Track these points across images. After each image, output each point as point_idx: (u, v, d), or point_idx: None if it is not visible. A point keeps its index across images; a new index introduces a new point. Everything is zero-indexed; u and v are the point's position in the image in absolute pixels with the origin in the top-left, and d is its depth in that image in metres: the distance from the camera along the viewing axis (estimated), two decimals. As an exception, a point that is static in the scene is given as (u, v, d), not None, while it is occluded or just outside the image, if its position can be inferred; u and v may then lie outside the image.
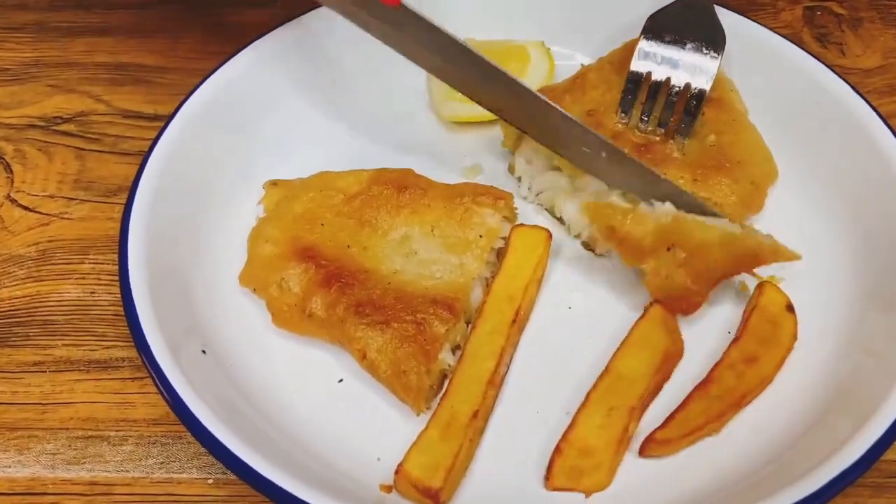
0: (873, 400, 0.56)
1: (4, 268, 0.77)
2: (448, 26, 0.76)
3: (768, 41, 0.79)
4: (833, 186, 0.73)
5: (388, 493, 0.58)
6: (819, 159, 0.75)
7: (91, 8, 1.01)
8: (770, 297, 0.65)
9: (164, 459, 0.66)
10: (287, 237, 0.70)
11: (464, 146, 0.82)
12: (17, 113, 0.91)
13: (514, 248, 0.68)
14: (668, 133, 0.72)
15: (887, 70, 0.92)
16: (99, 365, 0.73)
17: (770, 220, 0.73)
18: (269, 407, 0.64)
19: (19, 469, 0.65)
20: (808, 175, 0.75)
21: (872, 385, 0.57)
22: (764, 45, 0.79)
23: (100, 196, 0.84)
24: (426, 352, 0.62)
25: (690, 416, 0.59)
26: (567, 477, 0.58)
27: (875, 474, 0.62)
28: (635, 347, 0.62)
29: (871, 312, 0.64)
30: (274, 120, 0.81)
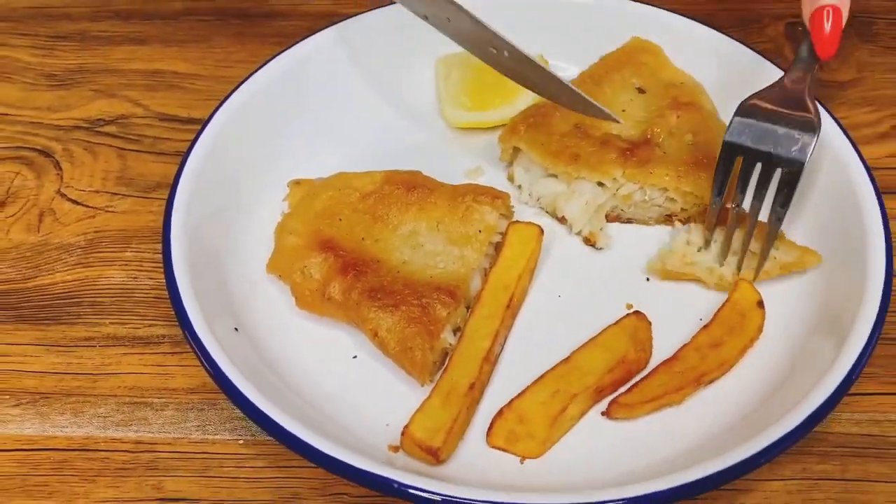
0: (813, 383, 0.62)
1: (57, 255, 0.82)
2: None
3: (736, 51, 0.85)
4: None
5: (396, 452, 0.65)
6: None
7: (128, 19, 1.04)
8: (743, 292, 0.72)
9: (200, 423, 0.71)
10: (309, 230, 0.76)
11: (467, 150, 0.87)
12: (65, 115, 0.94)
13: (509, 242, 0.75)
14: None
15: (860, 83, 0.96)
16: (142, 341, 0.76)
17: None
18: (292, 378, 0.70)
19: (75, 429, 0.71)
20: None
21: (815, 374, 0.63)
22: (732, 55, 0.85)
23: (140, 192, 0.87)
24: (430, 332, 0.69)
25: (652, 385, 0.66)
26: (505, 439, 0.64)
27: (822, 444, 0.68)
28: (597, 346, 0.68)
29: (829, 314, 0.69)
30: (297, 125, 0.85)
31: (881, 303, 0.66)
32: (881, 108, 0.92)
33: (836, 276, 0.71)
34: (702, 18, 0.94)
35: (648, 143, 0.78)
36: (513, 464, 0.66)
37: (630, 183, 0.77)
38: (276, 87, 0.84)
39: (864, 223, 0.71)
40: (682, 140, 0.79)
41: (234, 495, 0.68)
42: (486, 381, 0.70)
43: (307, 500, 0.67)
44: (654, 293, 0.75)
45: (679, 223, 0.78)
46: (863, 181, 0.73)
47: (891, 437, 0.68)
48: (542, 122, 0.79)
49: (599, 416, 0.68)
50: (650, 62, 0.85)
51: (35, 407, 0.72)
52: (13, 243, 0.82)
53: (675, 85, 0.83)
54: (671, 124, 0.79)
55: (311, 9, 1.03)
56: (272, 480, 0.68)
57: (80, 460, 0.69)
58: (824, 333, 0.68)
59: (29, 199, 0.86)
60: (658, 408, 0.66)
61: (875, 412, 0.69)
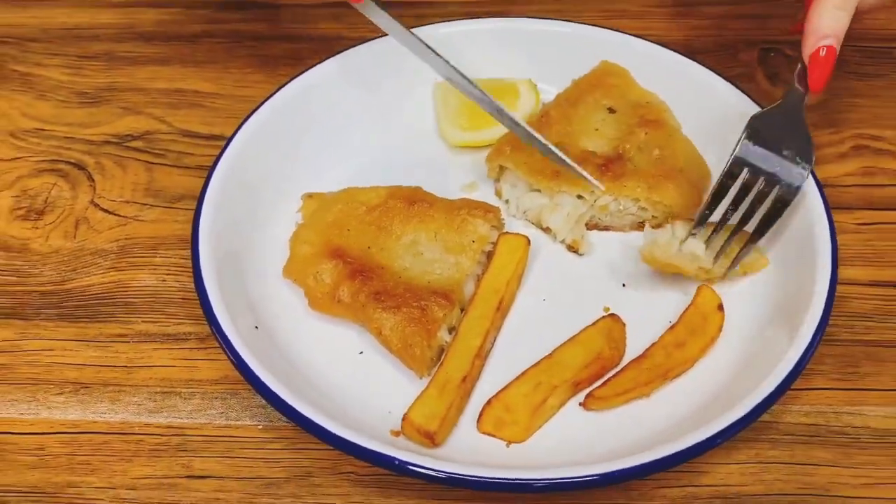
0: (762, 377, 0.69)
1: (92, 259, 0.87)
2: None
3: (696, 71, 0.91)
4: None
5: (397, 436, 0.72)
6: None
7: (151, 40, 1.08)
8: (705, 296, 0.78)
9: (224, 410, 0.76)
10: (321, 240, 0.81)
11: (464, 167, 0.92)
12: (96, 131, 0.99)
13: (499, 251, 0.81)
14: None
15: (824, 105, 1.00)
16: (171, 337, 0.81)
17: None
18: (306, 370, 0.76)
19: (113, 415, 0.77)
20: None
21: (765, 370, 0.70)
22: (692, 76, 0.91)
23: (166, 202, 0.91)
24: (428, 331, 0.75)
25: (623, 380, 0.73)
26: (493, 425, 0.71)
27: (774, 433, 0.74)
28: (576, 344, 0.75)
29: (781, 317, 0.76)
30: (310, 143, 0.91)
31: (825, 308, 0.72)
32: (843, 130, 0.97)
33: (790, 282, 0.78)
34: (678, 43, 1.01)
35: (621, 159, 0.85)
36: (499, 447, 0.72)
37: (606, 195, 0.84)
38: (291, 109, 0.90)
39: (815, 235, 0.77)
40: (650, 155, 0.85)
41: (254, 473, 0.73)
42: (477, 375, 0.76)
43: (319, 477, 0.72)
44: (629, 297, 0.81)
45: (651, 229, 0.85)
46: (815, 198, 0.80)
47: (834, 427, 0.74)
48: (524, 143, 0.85)
49: (577, 406, 0.74)
50: (619, 84, 0.91)
51: (76, 395, 0.78)
52: (52, 248, 0.88)
53: (642, 104, 0.90)
54: (640, 140, 0.86)
55: (321, 32, 1.08)
56: (288, 461, 0.74)
57: (117, 442, 0.75)
58: (776, 334, 0.74)
59: (65, 209, 0.91)
60: (628, 400, 0.73)
61: (822, 405, 0.76)
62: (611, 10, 1.10)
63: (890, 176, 0.93)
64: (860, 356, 0.79)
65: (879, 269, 0.85)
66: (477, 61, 0.95)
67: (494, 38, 0.96)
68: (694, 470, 0.72)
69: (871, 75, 1.03)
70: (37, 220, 0.90)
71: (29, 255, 0.87)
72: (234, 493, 0.72)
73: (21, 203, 0.92)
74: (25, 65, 1.05)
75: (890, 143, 0.96)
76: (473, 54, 0.95)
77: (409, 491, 0.72)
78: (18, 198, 0.92)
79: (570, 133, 0.88)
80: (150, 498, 0.72)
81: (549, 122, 0.88)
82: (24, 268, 0.87)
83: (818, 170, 0.90)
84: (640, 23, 1.09)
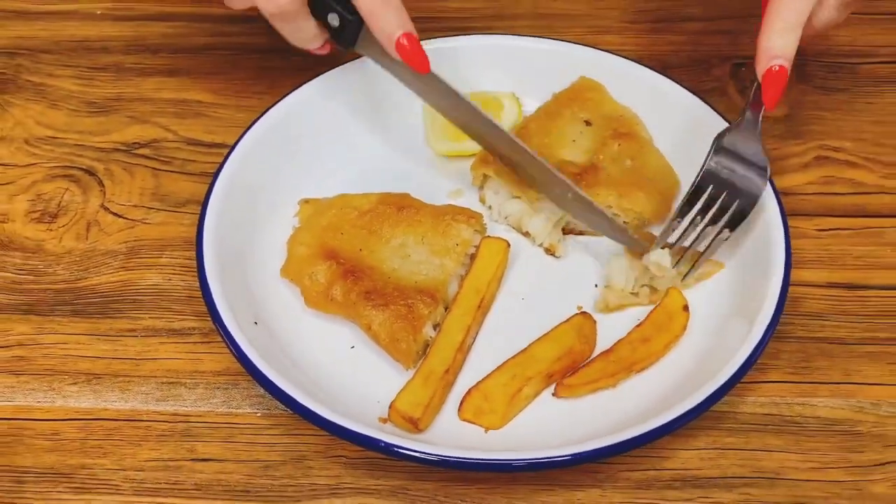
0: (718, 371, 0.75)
1: (103, 260, 0.91)
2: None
3: (666, 85, 0.96)
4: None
5: (384, 423, 0.76)
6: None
7: (158, 52, 1.10)
8: (672, 298, 0.83)
9: (226, 399, 0.80)
10: (316, 242, 0.84)
11: (450, 175, 0.96)
12: (105, 139, 1.01)
13: (481, 254, 0.86)
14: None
15: (791, 118, 1.04)
16: (176, 332, 0.84)
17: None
18: (301, 363, 0.80)
19: (123, 403, 0.80)
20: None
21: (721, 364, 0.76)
22: (663, 90, 0.96)
23: (172, 206, 0.94)
24: (414, 327, 0.79)
25: (591, 371, 0.78)
26: (472, 413, 0.76)
27: (731, 422, 0.78)
28: (549, 340, 0.80)
29: (739, 316, 0.81)
30: (308, 152, 0.94)
31: (776, 308, 0.78)
32: (807, 142, 1.00)
33: (748, 284, 0.83)
34: (656, 58, 1.06)
35: (595, 168, 0.90)
36: (478, 433, 0.76)
37: None
38: (289, 120, 0.94)
39: (771, 241, 0.82)
40: (622, 165, 0.91)
41: (253, 456, 0.77)
42: (459, 367, 0.80)
43: (312, 460, 0.77)
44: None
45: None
46: (773, 206, 0.85)
47: (786, 417, 0.79)
48: None
49: (550, 396, 0.79)
50: (595, 98, 0.96)
51: (89, 385, 0.81)
52: (66, 249, 0.91)
53: (615, 118, 0.95)
54: (613, 151, 0.91)
55: None
56: (284, 445, 0.78)
57: (127, 428, 0.79)
58: (734, 332, 0.79)
59: (77, 212, 0.94)
60: (596, 389, 0.78)
61: (776, 396, 0.80)
62: (594, 27, 1.15)
63: (848, 185, 0.98)
64: (813, 352, 0.84)
65: (834, 272, 0.90)
66: (463, 75, 1.00)
67: (480, 53, 1.01)
68: (656, 455, 0.77)
69: (834, 89, 1.07)
70: (51, 223, 0.94)
71: (44, 256, 0.91)
72: (234, 474, 0.77)
73: (36, 206, 0.95)
74: (39, 75, 1.07)
75: (849, 154, 1.00)
76: (460, 69, 1.00)
77: (395, 472, 0.76)
78: (34, 201, 0.95)
79: (548, 144, 0.93)
80: (156, 479, 0.76)
81: (529, 133, 0.94)
82: (40, 267, 0.90)
83: (782, 179, 0.97)
84: (620, 38, 1.13)
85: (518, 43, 1.02)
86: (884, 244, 0.91)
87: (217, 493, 0.76)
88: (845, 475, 0.76)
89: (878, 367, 0.83)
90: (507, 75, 1.02)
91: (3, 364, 0.84)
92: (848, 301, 0.88)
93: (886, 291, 0.88)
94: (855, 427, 0.79)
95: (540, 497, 0.76)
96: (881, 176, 0.97)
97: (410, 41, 0.82)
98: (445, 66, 0.98)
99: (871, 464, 0.77)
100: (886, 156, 0.99)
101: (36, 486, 0.76)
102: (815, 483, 0.77)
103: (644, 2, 1.19)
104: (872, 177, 0.97)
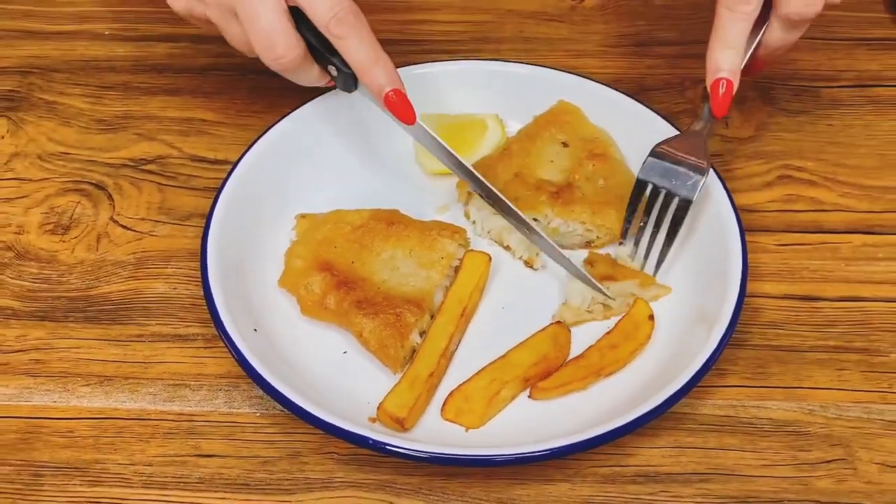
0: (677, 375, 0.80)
1: (113, 270, 0.95)
2: (427, 102, 0.98)
3: (638, 109, 1.02)
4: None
5: (373, 422, 0.80)
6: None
7: (163, 72, 1.15)
8: (639, 307, 0.89)
9: (227, 400, 0.84)
10: (311, 255, 0.88)
11: (437, 191, 1.01)
12: (114, 155, 1.05)
13: (465, 266, 0.91)
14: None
15: (757, 139, 1.09)
16: (181, 338, 0.88)
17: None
18: (297, 367, 0.84)
19: (132, 404, 0.84)
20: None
21: (681, 369, 0.81)
22: (635, 113, 1.02)
23: (177, 220, 0.98)
24: (402, 334, 0.83)
25: (563, 375, 0.84)
26: (454, 413, 0.80)
27: (691, 423, 0.83)
28: (526, 347, 0.84)
29: (699, 324, 0.86)
30: (304, 169, 0.99)
31: (732, 317, 0.84)
32: (770, 161, 1.04)
33: (708, 295, 0.88)
34: (633, 80, 1.12)
35: (571, 187, 0.96)
36: (459, 431, 0.81)
37: (557, 218, 0.93)
38: (288, 140, 0.98)
39: (730, 254, 0.88)
40: (596, 184, 0.97)
41: (253, 452, 0.81)
42: (443, 372, 0.84)
43: (307, 456, 0.81)
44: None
45: (596, 248, 0.96)
46: (732, 221, 0.91)
47: (742, 418, 0.85)
48: (489, 173, 0.96)
49: (526, 399, 0.83)
50: (572, 121, 1.02)
51: (101, 387, 0.86)
52: (78, 260, 0.95)
53: (590, 139, 1.00)
54: (588, 171, 0.97)
55: None
56: (281, 442, 0.82)
57: (137, 426, 0.83)
58: (695, 339, 0.85)
59: (88, 225, 0.98)
60: (568, 392, 0.84)
61: (733, 399, 0.85)
62: (575, 50, 1.20)
63: (807, 202, 1.03)
64: (769, 359, 0.88)
65: (791, 285, 0.96)
66: (450, 98, 1.06)
67: (466, 77, 1.06)
68: (621, 452, 0.82)
69: (798, 112, 1.12)
70: (63, 235, 0.98)
71: (57, 266, 0.95)
72: (235, 469, 0.81)
73: (49, 219, 0.99)
74: (50, 93, 1.11)
75: (810, 174, 1.06)
76: (447, 92, 1.06)
77: (383, 467, 0.81)
78: (47, 214, 0.99)
79: (528, 164, 0.99)
80: (164, 473, 0.81)
81: (512, 154, 1.00)
82: (54, 276, 0.94)
83: (746, 196, 1.03)
84: (600, 61, 1.18)
85: (501, 68, 1.08)
86: (838, 259, 0.96)
87: (219, 486, 0.80)
88: (794, 472, 0.82)
89: (827, 373, 0.88)
90: (492, 98, 1.07)
91: (21, 367, 0.88)
92: (802, 311, 0.93)
93: (837, 303, 0.93)
94: (804, 428, 0.85)
95: (515, 490, 0.82)
96: (839, 194, 1.02)
97: (398, 96, 0.88)
98: (434, 89, 1.06)
99: (817, 461, 0.83)
100: (844, 175, 1.04)
101: (53, 479, 0.81)
102: (765, 479, 0.83)
103: (623, 27, 1.25)
104: (831, 195, 1.02)
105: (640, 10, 1.22)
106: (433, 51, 1.19)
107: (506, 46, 1.21)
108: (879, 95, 1.12)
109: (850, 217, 1.00)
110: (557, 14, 1.22)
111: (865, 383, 0.87)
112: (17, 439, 0.83)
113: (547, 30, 1.24)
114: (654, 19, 1.21)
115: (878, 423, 0.84)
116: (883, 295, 0.93)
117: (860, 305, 0.92)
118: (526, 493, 0.82)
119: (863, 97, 1.11)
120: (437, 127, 1.05)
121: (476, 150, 1.01)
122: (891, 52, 1.16)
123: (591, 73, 1.12)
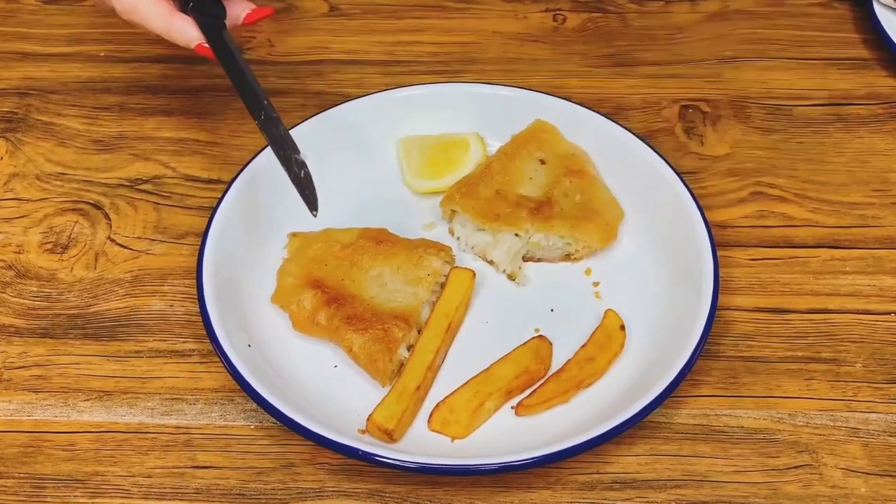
0: (652, 385, 0.84)
1: (110, 287, 0.96)
2: (412, 123, 1.02)
3: (612, 127, 1.05)
4: (657, 225, 1.00)
5: (363, 434, 0.82)
6: (649, 207, 1.01)
7: (158, 93, 1.17)
8: (610, 318, 0.93)
9: (223, 413, 0.86)
10: (303, 272, 0.90)
11: (424, 210, 1.04)
12: (110, 175, 1.07)
13: (450, 282, 0.94)
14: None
15: (731, 157, 1.12)
16: (178, 353, 0.90)
17: (625, 248, 1.01)
18: (289, 380, 0.86)
19: (131, 417, 0.86)
20: (644, 216, 1.02)
21: (655, 379, 0.84)
22: (609, 131, 1.06)
23: (172, 238, 1.00)
24: (390, 348, 0.85)
25: (545, 390, 0.87)
26: (440, 424, 0.83)
27: (666, 431, 0.86)
28: (508, 360, 0.87)
29: (673, 336, 0.90)
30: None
31: (703, 329, 0.87)
32: (744, 178, 1.07)
33: (681, 307, 0.92)
34: (612, 100, 1.16)
35: (549, 203, 1.00)
36: (445, 442, 0.84)
37: (538, 233, 0.96)
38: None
39: (702, 269, 0.92)
40: (573, 199, 1.00)
41: (247, 463, 0.84)
42: (429, 384, 0.87)
43: (299, 466, 0.83)
44: (556, 321, 0.93)
45: (575, 261, 1.00)
46: (703, 235, 0.94)
47: (715, 427, 0.88)
48: (472, 191, 0.99)
49: (509, 410, 0.86)
50: (549, 139, 1.05)
51: (101, 401, 0.88)
52: (76, 278, 0.97)
53: (567, 156, 1.04)
54: (565, 187, 1.01)
55: (306, 88, 1.17)
56: (274, 453, 0.84)
57: (135, 439, 0.85)
58: (669, 350, 0.88)
59: (86, 243, 1.00)
60: (551, 407, 0.87)
61: (706, 409, 0.88)
62: (558, 70, 1.24)
63: (779, 218, 1.07)
64: (741, 369, 0.92)
65: (762, 298, 0.99)
66: (434, 118, 1.09)
67: (449, 99, 1.10)
68: (600, 460, 0.85)
69: (771, 130, 1.16)
70: (62, 254, 1.00)
71: (56, 284, 0.97)
72: (230, 479, 0.83)
73: (48, 238, 1.01)
74: (47, 114, 1.13)
75: (782, 190, 1.09)
76: (431, 112, 1.09)
77: (372, 477, 0.84)
78: (46, 233, 1.01)
79: (508, 182, 1.03)
80: (162, 484, 0.83)
81: (492, 172, 1.03)
82: (53, 294, 0.96)
83: (720, 213, 1.06)
84: (581, 81, 1.22)
85: (482, 90, 1.12)
86: (807, 272, 1.00)
87: (215, 496, 0.83)
88: (763, 477, 0.85)
89: (796, 383, 0.91)
90: (473, 118, 1.11)
91: (23, 382, 0.90)
92: (773, 324, 0.96)
93: (806, 315, 0.96)
94: (773, 435, 0.88)
95: (498, 498, 0.85)
96: (809, 210, 1.05)
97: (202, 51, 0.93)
98: (417, 111, 1.09)
99: (785, 467, 0.86)
100: (814, 192, 1.08)
101: (55, 491, 0.83)
102: (736, 484, 0.86)
103: (603, 48, 1.29)
104: (801, 211, 1.05)
105: (619, 30, 1.27)
106: (420, 72, 1.23)
107: (491, 67, 1.25)
108: (849, 114, 1.16)
109: (819, 232, 1.03)
110: (540, 35, 1.26)
111: (832, 392, 0.90)
112: (20, 453, 0.85)
113: (531, 51, 1.28)
114: (633, 39, 1.25)
115: (843, 430, 0.89)
116: (849, 307, 0.97)
117: (828, 317, 0.96)
118: (509, 499, 0.84)
119: (833, 115, 1.16)
120: (422, 146, 1.09)
121: (460, 168, 1.04)
122: (861, 72, 1.20)
123: (573, 93, 1.17)
